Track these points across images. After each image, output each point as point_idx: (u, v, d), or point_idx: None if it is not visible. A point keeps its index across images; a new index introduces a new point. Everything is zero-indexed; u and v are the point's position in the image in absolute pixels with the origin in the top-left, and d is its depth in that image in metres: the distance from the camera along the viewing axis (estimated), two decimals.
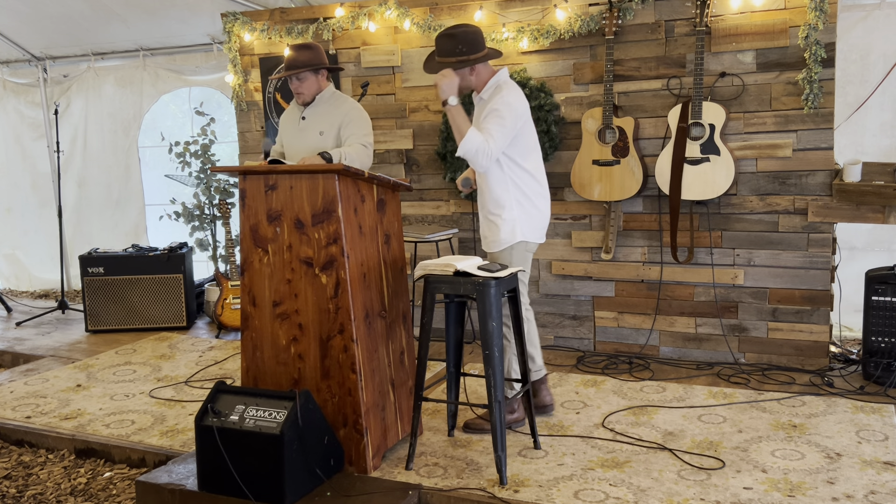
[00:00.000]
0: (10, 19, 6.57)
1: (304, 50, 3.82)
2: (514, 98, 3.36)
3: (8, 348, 5.59)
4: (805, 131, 4.27)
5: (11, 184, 7.62)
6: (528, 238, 3.51)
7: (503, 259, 3.52)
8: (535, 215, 3.52)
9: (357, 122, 3.86)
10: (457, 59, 3.36)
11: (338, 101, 3.92)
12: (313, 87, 3.87)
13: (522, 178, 3.47)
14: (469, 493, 3.01)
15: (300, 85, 3.84)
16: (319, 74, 3.87)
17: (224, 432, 2.96)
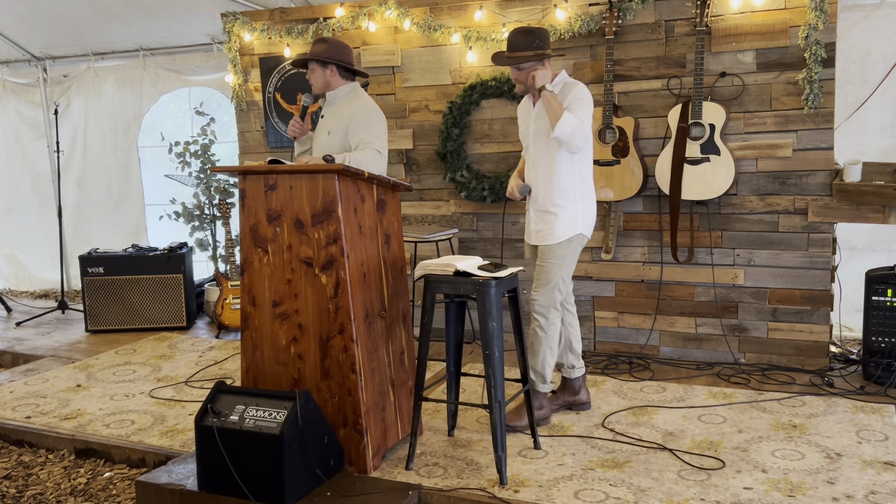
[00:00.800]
0: (10, 19, 6.57)
1: (319, 43, 3.80)
2: (588, 93, 3.59)
3: (8, 348, 5.59)
4: (805, 131, 4.27)
5: (11, 184, 7.62)
6: (586, 231, 3.66)
7: (558, 252, 3.60)
8: (592, 210, 3.70)
9: (366, 125, 3.68)
10: (535, 52, 3.54)
11: (350, 100, 3.80)
12: (319, 80, 3.81)
13: (586, 171, 3.66)
14: (469, 493, 3.01)
15: (308, 74, 3.84)
16: (328, 69, 3.79)
17: (224, 432, 2.96)
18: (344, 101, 3.82)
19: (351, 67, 3.86)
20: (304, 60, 3.83)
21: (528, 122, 3.70)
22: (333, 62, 3.78)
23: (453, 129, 5.03)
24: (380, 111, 3.79)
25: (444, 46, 5.06)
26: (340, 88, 3.83)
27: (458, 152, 5.06)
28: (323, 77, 3.81)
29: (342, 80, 3.83)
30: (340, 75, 3.83)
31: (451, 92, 5.09)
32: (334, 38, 3.89)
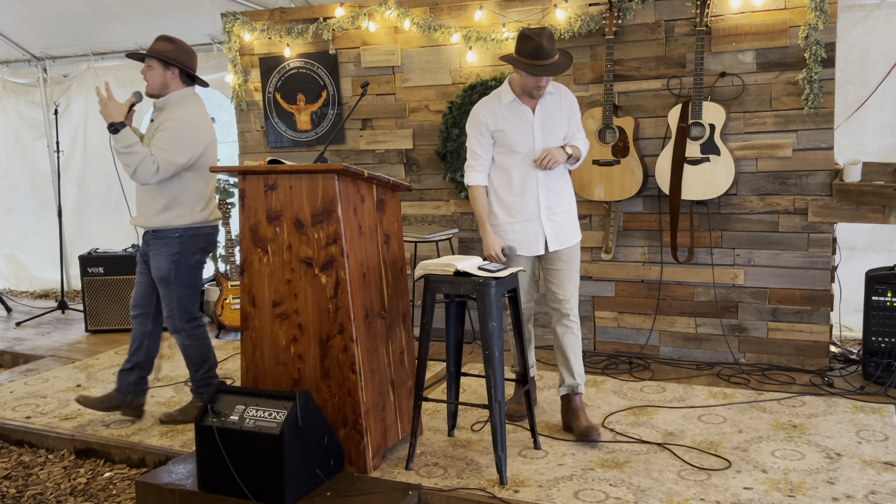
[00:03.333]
0: (10, 19, 6.57)
1: (164, 41, 3.69)
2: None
3: (8, 348, 5.59)
4: (805, 131, 4.27)
5: (11, 184, 7.61)
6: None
7: (577, 252, 3.64)
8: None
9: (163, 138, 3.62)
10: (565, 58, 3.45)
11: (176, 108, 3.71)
12: (158, 81, 3.68)
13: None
14: (469, 493, 3.01)
15: (147, 71, 3.70)
16: (170, 70, 3.68)
17: (224, 432, 2.96)
18: (172, 108, 3.72)
19: (193, 74, 3.77)
20: (145, 56, 3.69)
21: (522, 128, 3.47)
22: (178, 65, 3.69)
23: (453, 129, 5.03)
24: (197, 127, 3.69)
25: (444, 46, 5.06)
26: (175, 94, 3.72)
27: (458, 152, 5.06)
28: (163, 78, 3.69)
29: (181, 84, 3.74)
30: (181, 80, 3.73)
31: (451, 92, 5.09)
32: (181, 41, 3.75)
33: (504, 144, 3.49)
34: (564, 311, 3.59)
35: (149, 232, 3.80)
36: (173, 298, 3.81)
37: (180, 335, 3.87)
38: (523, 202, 3.51)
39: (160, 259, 3.77)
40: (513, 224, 3.54)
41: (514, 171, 3.50)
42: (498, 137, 3.49)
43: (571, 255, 3.60)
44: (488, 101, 3.53)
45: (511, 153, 3.50)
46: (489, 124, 3.48)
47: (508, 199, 3.53)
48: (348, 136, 5.47)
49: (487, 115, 3.48)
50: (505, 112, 3.48)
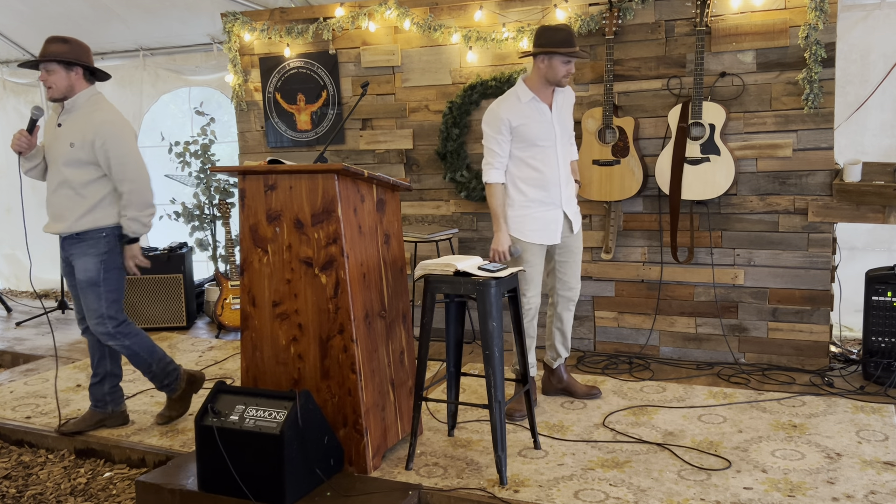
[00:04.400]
0: (10, 19, 6.57)
1: (58, 42, 3.55)
2: None
3: (8, 348, 5.59)
4: (805, 131, 4.27)
5: (11, 184, 7.60)
6: None
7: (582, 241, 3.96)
8: None
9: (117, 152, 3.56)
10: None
11: (91, 109, 3.62)
12: (63, 84, 3.56)
13: None
14: (469, 493, 3.01)
15: (48, 77, 3.54)
16: (73, 71, 3.57)
17: (224, 432, 2.96)
18: (84, 109, 3.62)
19: (96, 70, 3.68)
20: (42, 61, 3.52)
21: (542, 123, 3.68)
22: (80, 64, 3.58)
23: (453, 129, 5.03)
24: (125, 123, 3.64)
25: (444, 46, 5.06)
26: (81, 94, 3.62)
27: (458, 152, 5.06)
28: (67, 80, 3.57)
29: (85, 83, 3.64)
30: (84, 78, 3.64)
31: (451, 92, 5.09)
32: (75, 39, 3.60)
33: (526, 139, 3.66)
34: (572, 298, 3.95)
35: (71, 236, 3.65)
36: (102, 302, 3.66)
37: (116, 339, 3.70)
38: (547, 192, 3.71)
39: (87, 261, 3.64)
40: (537, 213, 3.72)
41: (535, 163, 3.69)
42: (521, 133, 3.64)
43: (580, 245, 3.92)
44: (507, 101, 3.66)
45: (533, 147, 3.67)
46: (511, 122, 3.62)
47: (532, 190, 3.70)
48: (348, 136, 5.47)
49: (509, 113, 3.62)
50: (525, 109, 3.65)
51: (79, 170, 3.60)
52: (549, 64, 3.59)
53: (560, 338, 3.98)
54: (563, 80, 3.64)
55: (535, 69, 3.65)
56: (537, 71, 3.64)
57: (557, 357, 4.02)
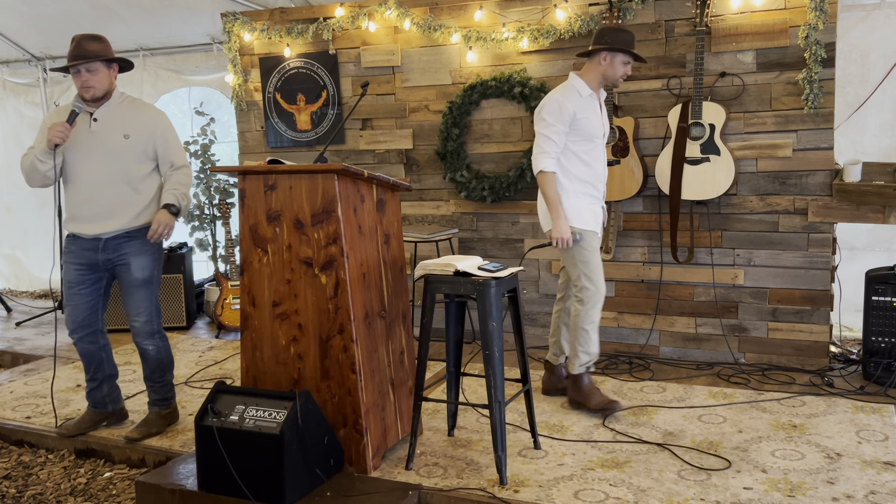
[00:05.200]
0: (10, 19, 6.57)
1: (92, 41, 3.52)
2: None
3: (8, 348, 5.59)
4: (805, 131, 4.27)
5: (11, 184, 7.61)
6: None
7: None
8: None
9: (175, 139, 3.71)
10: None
11: (137, 105, 3.69)
12: (105, 82, 3.56)
13: None
14: (469, 493, 3.01)
15: (91, 77, 3.51)
16: (112, 69, 3.59)
17: (224, 432, 2.96)
18: (123, 103, 3.65)
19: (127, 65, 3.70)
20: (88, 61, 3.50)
21: (597, 118, 3.73)
22: (117, 61, 3.60)
23: (453, 129, 5.03)
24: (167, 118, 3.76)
25: (444, 46, 5.06)
26: (117, 91, 3.66)
27: (458, 152, 5.06)
28: (108, 78, 3.58)
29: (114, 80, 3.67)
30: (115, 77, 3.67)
31: (451, 92, 5.09)
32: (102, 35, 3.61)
33: (583, 133, 3.70)
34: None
35: (120, 235, 3.62)
36: (153, 300, 3.70)
37: (155, 339, 3.73)
38: (598, 186, 3.80)
39: (144, 259, 3.64)
40: (591, 206, 3.78)
41: (588, 158, 3.73)
42: (581, 126, 3.68)
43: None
44: (570, 93, 3.68)
45: (589, 141, 3.72)
46: (577, 114, 3.65)
47: (588, 183, 3.75)
48: (348, 136, 5.47)
49: (574, 105, 3.66)
50: (585, 104, 3.71)
51: (138, 163, 3.61)
52: (611, 62, 3.64)
53: (566, 333, 4.01)
54: (619, 81, 3.72)
55: (593, 67, 3.69)
56: (595, 68, 3.69)
57: (560, 354, 4.04)
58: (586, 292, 3.73)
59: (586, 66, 3.73)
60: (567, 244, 3.66)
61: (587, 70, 3.72)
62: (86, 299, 3.71)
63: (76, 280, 3.68)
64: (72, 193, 3.63)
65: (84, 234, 3.62)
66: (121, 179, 3.60)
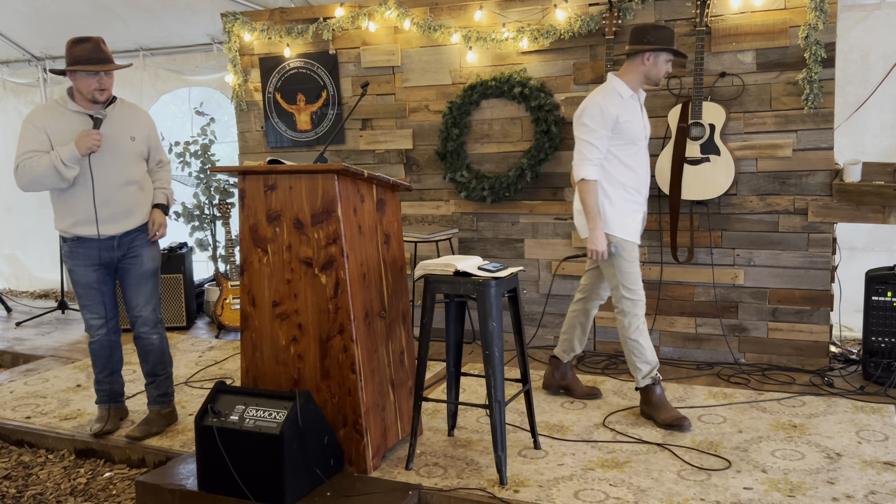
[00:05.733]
0: (10, 19, 6.57)
1: (102, 48, 3.57)
2: None
3: (8, 348, 5.59)
4: (805, 131, 4.27)
5: (11, 184, 7.58)
6: None
7: None
8: None
9: (158, 137, 3.86)
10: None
11: (133, 107, 3.77)
12: (112, 85, 3.64)
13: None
14: (469, 493, 3.01)
15: (108, 81, 3.57)
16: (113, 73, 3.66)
17: (224, 432, 2.96)
18: (124, 105, 3.72)
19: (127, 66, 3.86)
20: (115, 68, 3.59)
21: (639, 120, 3.65)
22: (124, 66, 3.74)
23: (453, 129, 5.03)
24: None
25: (444, 46, 5.06)
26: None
27: (458, 152, 5.06)
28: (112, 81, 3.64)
29: None
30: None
31: (451, 92, 5.09)
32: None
33: (626, 137, 3.59)
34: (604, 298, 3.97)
35: (132, 231, 3.68)
36: (158, 290, 3.83)
37: (159, 328, 3.80)
38: (642, 191, 3.71)
39: (153, 250, 3.78)
40: (634, 213, 3.69)
41: (632, 162, 3.64)
42: (624, 130, 3.58)
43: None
44: (611, 96, 3.58)
45: (632, 145, 3.63)
46: (619, 117, 3.55)
47: (632, 188, 3.66)
48: (348, 136, 5.47)
49: (616, 108, 3.55)
50: (627, 106, 3.61)
51: (140, 163, 3.73)
52: (654, 62, 3.56)
53: (580, 333, 3.99)
54: (662, 80, 3.65)
55: (634, 67, 3.59)
56: (637, 68, 3.59)
57: (571, 351, 4.02)
58: (626, 303, 3.64)
59: (626, 66, 3.63)
60: (602, 256, 3.57)
61: (627, 70, 3.62)
62: (109, 292, 3.76)
63: (95, 279, 3.69)
64: (82, 196, 3.57)
65: (101, 235, 3.62)
66: (132, 180, 3.67)
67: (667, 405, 3.65)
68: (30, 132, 3.54)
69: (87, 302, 3.71)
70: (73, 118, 3.59)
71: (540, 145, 4.79)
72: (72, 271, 3.68)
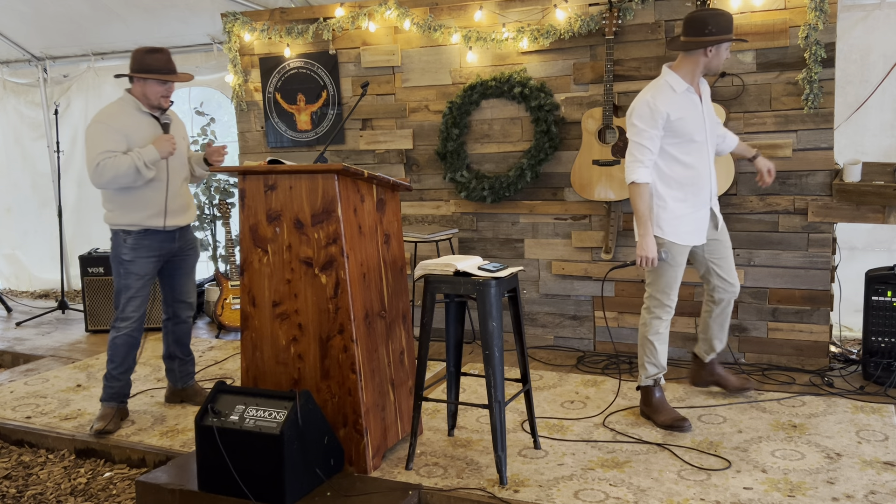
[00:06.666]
0: (10, 19, 6.57)
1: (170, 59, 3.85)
2: None
3: (8, 348, 5.59)
4: (805, 131, 4.27)
5: (11, 184, 7.61)
6: None
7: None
8: None
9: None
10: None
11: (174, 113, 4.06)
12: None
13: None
14: (469, 493, 3.01)
15: (172, 90, 3.88)
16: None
17: (224, 432, 2.96)
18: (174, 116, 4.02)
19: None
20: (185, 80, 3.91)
21: (696, 115, 3.48)
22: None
23: (453, 129, 5.03)
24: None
25: (444, 46, 5.06)
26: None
27: (458, 152, 5.06)
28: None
29: None
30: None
31: (451, 92, 5.09)
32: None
33: (681, 134, 3.44)
34: (735, 294, 3.77)
35: (188, 225, 4.06)
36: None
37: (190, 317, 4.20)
38: (699, 191, 3.53)
39: (196, 243, 4.20)
40: (689, 214, 3.53)
41: (689, 159, 3.49)
42: (677, 128, 3.42)
43: (729, 240, 3.74)
44: (662, 92, 3.43)
45: (689, 142, 3.47)
46: (670, 115, 3.39)
47: (686, 189, 3.51)
48: (348, 136, 5.47)
49: (669, 106, 3.39)
50: (681, 101, 3.44)
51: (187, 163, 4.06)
52: (717, 52, 3.38)
53: (717, 331, 3.83)
54: (720, 69, 3.53)
55: (694, 59, 3.41)
56: (697, 60, 3.41)
57: (711, 351, 3.89)
58: (654, 304, 3.59)
59: (682, 58, 3.44)
60: (652, 264, 3.42)
61: (684, 63, 3.44)
62: (150, 288, 3.97)
63: (151, 272, 3.94)
64: (156, 192, 3.84)
65: (167, 226, 3.90)
66: (185, 176, 4.03)
67: (666, 407, 3.64)
68: (106, 133, 3.73)
69: (137, 294, 3.88)
70: (143, 120, 3.83)
71: (540, 145, 4.79)
72: (132, 262, 3.86)
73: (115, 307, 3.90)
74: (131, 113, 3.81)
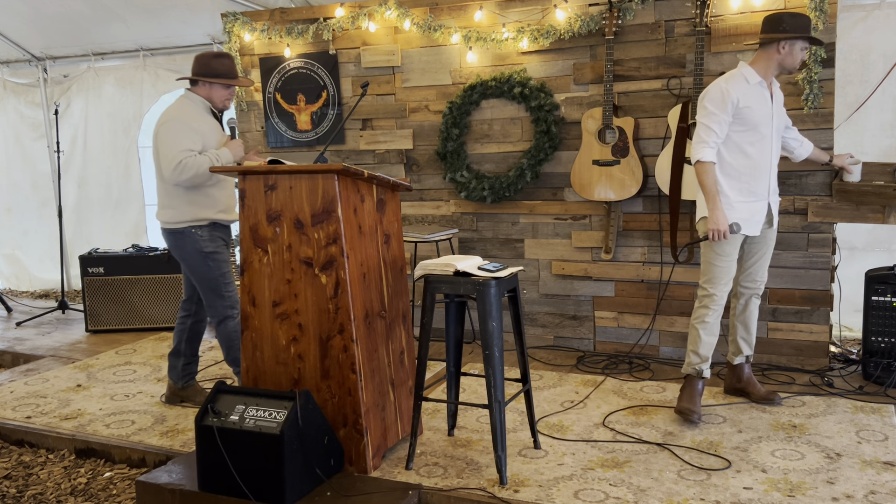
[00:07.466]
0: (10, 19, 6.57)
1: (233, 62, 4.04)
2: None
3: (8, 348, 5.59)
4: (805, 131, 4.27)
5: (11, 184, 7.62)
6: None
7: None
8: None
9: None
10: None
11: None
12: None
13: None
14: (469, 493, 3.02)
15: (231, 96, 4.06)
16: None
17: (224, 432, 2.96)
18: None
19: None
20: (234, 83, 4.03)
21: (765, 108, 3.58)
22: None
23: (453, 129, 5.03)
24: None
25: (444, 46, 5.06)
26: None
27: (458, 152, 5.06)
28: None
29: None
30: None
31: (451, 92, 5.09)
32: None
33: (747, 123, 3.55)
34: (757, 291, 3.86)
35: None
36: None
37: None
38: (757, 182, 3.62)
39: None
40: (744, 203, 3.61)
41: (751, 149, 3.58)
42: (744, 115, 3.53)
43: (774, 238, 3.83)
44: (735, 80, 3.55)
45: (753, 132, 3.57)
46: (739, 101, 3.50)
47: (743, 178, 3.60)
48: (348, 136, 5.47)
49: (738, 93, 3.51)
50: (752, 92, 3.56)
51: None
52: (790, 50, 3.50)
53: (743, 331, 3.89)
54: (797, 68, 3.59)
55: (768, 55, 3.54)
56: (770, 57, 3.54)
57: (738, 353, 3.92)
58: (702, 293, 3.67)
59: (758, 54, 3.57)
60: (724, 236, 3.49)
61: (759, 59, 3.57)
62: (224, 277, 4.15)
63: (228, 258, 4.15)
64: (224, 188, 4.12)
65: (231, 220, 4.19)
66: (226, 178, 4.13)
67: (693, 397, 3.71)
68: (186, 132, 3.83)
69: (230, 280, 4.12)
70: (212, 122, 3.99)
71: (540, 145, 4.79)
72: (217, 252, 4.08)
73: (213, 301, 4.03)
74: (201, 114, 3.95)
